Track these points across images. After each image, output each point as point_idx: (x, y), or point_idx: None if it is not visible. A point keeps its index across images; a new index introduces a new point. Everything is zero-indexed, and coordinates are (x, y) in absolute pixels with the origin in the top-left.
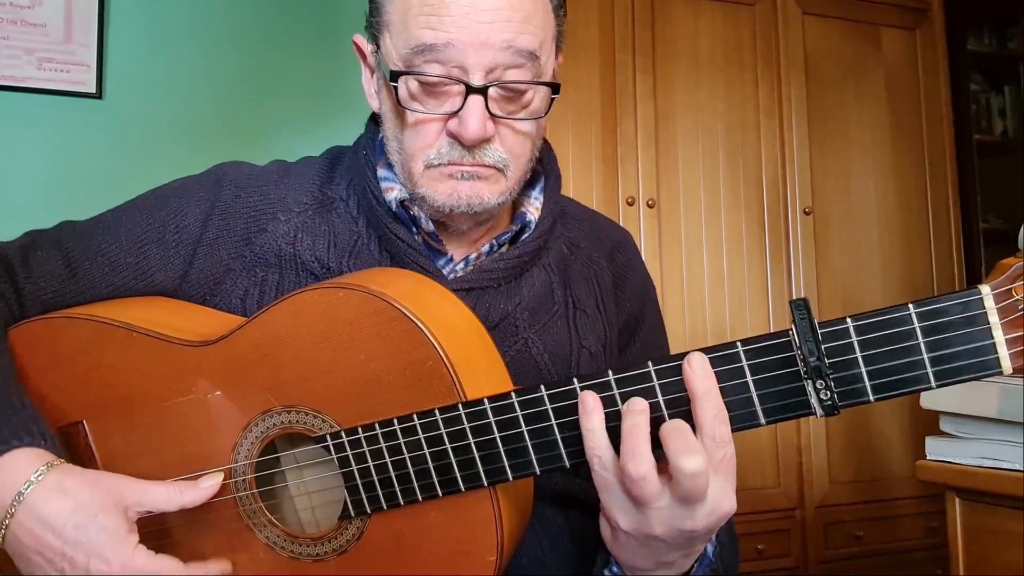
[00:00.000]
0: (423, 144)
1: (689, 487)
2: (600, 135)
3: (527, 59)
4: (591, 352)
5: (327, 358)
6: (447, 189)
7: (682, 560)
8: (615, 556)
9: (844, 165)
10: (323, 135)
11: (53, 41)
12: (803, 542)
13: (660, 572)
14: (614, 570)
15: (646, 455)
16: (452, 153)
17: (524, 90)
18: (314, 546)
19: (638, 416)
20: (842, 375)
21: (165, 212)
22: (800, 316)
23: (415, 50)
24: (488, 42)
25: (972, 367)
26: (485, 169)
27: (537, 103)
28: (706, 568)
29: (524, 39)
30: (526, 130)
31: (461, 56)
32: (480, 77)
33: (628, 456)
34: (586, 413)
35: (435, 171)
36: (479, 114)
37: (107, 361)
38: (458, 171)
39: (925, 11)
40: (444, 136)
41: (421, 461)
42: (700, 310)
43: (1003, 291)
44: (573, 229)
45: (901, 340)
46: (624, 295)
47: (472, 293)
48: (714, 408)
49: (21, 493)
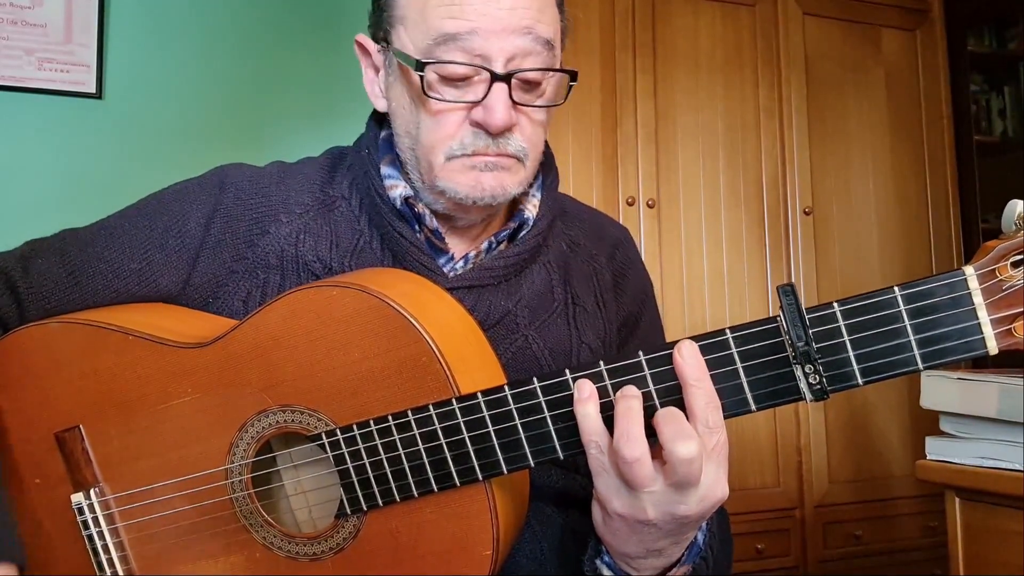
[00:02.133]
0: (444, 135)
1: (684, 473)
2: (600, 135)
3: (544, 47)
4: (591, 348)
5: (322, 356)
6: (470, 180)
7: (672, 547)
8: (606, 542)
9: (844, 165)
10: (324, 134)
11: (53, 41)
12: (802, 541)
13: (650, 560)
14: (605, 559)
15: (639, 438)
16: (476, 143)
17: (540, 80)
18: (311, 545)
19: (631, 400)
20: (830, 359)
21: (167, 217)
22: (788, 302)
23: (437, 41)
24: (509, 27)
25: (958, 348)
26: (508, 159)
27: (551, 92)
28: (695, 557)
29: (542, 27)
30: (542, 119)
31: (484, 44)
32: (502, 65)
33: (622, 439)
34: (581, 400)
35: (457, 162)
36: (505, 101)
37: (103, 365)
38: (482, 162)
39: (925, 11)
40: (467, 126)
41: (416, 457)
42: (700, 309)
43: (987, 271)
44: (573, 227)
45: (887, 323)
46: (623, 292)
47: (473, 291)
48: (706, 395)
49: None
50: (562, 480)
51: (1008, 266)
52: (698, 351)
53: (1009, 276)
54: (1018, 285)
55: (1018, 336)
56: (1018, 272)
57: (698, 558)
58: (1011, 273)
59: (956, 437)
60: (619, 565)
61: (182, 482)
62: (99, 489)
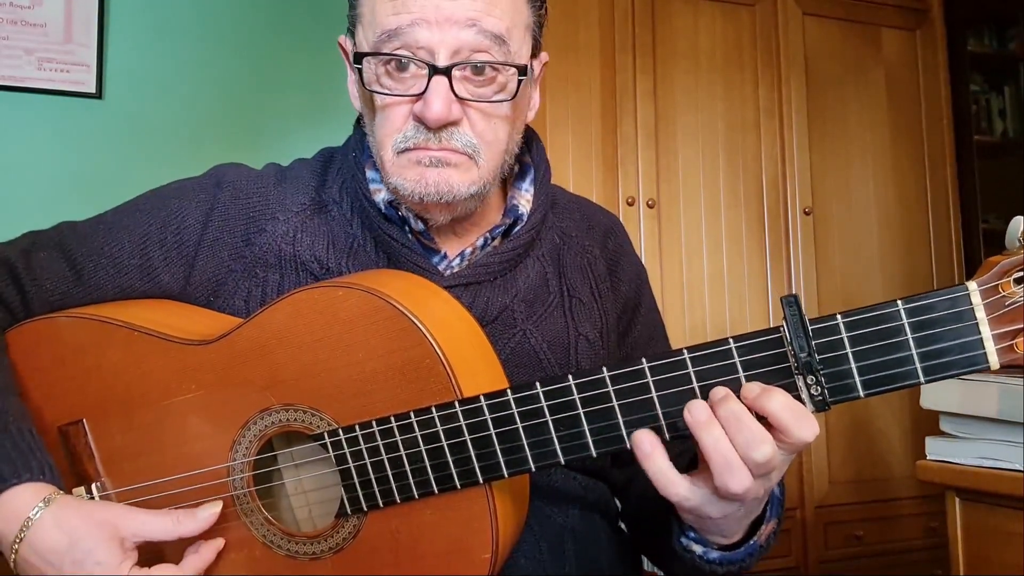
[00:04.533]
0: (391, 128)
1: (764, 471)
2: (600, 135)
3: (493, 41)
4: (588, 340)
5: (325, 356)
6: (415, 176)
7: (758, 508)
8: (698, 527)
9: (844, 165)
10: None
11: (53, 41)
12: (803, 542)
13: (739, 524)
14: (691, 535)
15: (741, 467)
16: (418, 136)
17: (495, 75)
18: (311, 544)
19: (714, 428)
20: (832, 371)
21: (165, 213)
22: (791, 312)
23: (381, 37)
24: (451, 18)
25: (960, 362)
26: (453, 154)
27: (511, 88)
28: (778, 509)
29: (489, 21)
30: (499, 114)
31: (428, 36)
32: (445, 58)
33: (724, 473)
34: (645, 456)
35: (403, 157)
36: (443, 94)
37: (108, 360)
38: (425, 156)
39: (925, 11)
40: (411, 120)
41: (417, 459)
42: (700, 310)
43: (990, 287)
44: (564, 218)
45: (890, 336)
46: (619, 280)
47: (469, 288)
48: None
49: (23, 530)
50: (562, 480)
51: (1011, 282)
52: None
53: (1012, 292)
54: (1020, 302)
55: (1019, 352)
56: (1020, 288)
57: (780, 508)
58: (1014, 289)
59: (956, 437)
60: (709, 539)
61: (184, 478)
62: (101, 484)
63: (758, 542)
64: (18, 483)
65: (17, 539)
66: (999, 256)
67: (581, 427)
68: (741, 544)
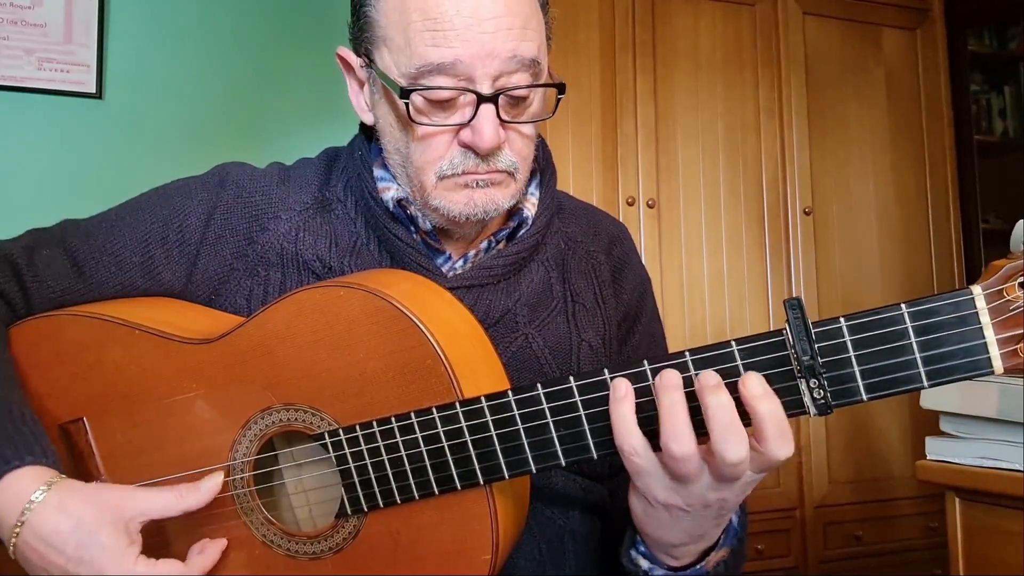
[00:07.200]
0: (434, 156)
1: (731, 473)
2: (600, 135)
3: (531, 65)
4: (591, 346)
5: (326, 356)
6: (462, 199)
7: (713, 530)
8: (646, 533)
9: (844, 165)
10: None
11: (53, 41)
12: (803, 542)
13: (691, 546)
14: (641, 549)
15: (687, 434)
16: (466, 162)
17: (527, 94)
18: (311, 544)
19: (674, 392)
20: (835, 374)
21: (168, 211)
22: (794, 315)
23: (421, 69)
24: (493, 52)
25: (964, 367)
26: (498, 175)
27: (537, 105)
28: (733, 539)
29: (525, 46)
30: (530, 132)
31: (468, 69)
32: (488, 86)
33: (670, 436)
34: (617, 399)
35: (449, 181)
36: (493, 122)
37: (109, 358)
38: (473, 180)
39: (925, 11)
40: (455, 146)
41: (418, 459)
42: (700, 310)
43: (994, 291)
44: (570, 224)
45: (894, 340)
46: (622, 288)
47: (472, 290)
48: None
49: (24, 513)
50: (562, 482)
51: (1016, 286)
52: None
53: (1016, 296)
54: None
55: (1023, 357)
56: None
57: (735, 539)
58: (1018, 294)
59: (956, 437)
60: (658, 556)
61: (184, 477)
62: (101, 481)
63: (705, 568)
64: (20, 465)
65: (18, 523)
66: (1003, 260)
67: (582, 428)
68: (688, 567)
